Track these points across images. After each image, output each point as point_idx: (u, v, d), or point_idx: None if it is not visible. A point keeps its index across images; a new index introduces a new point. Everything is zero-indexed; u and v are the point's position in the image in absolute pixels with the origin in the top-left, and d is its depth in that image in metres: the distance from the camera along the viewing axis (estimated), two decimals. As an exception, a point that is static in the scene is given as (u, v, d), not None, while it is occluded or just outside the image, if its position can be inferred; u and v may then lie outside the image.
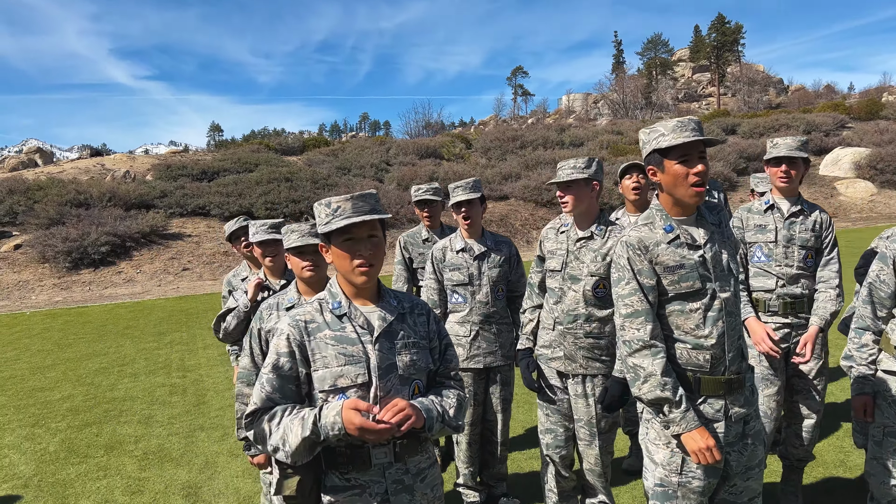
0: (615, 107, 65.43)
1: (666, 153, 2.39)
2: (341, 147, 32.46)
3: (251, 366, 3.01)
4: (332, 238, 2.08)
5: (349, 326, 2.08)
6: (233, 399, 6.75)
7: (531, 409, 5.87)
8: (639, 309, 2.43)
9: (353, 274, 2.07)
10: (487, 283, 3.93)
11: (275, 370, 2.05)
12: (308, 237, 2.95)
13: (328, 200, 2.08)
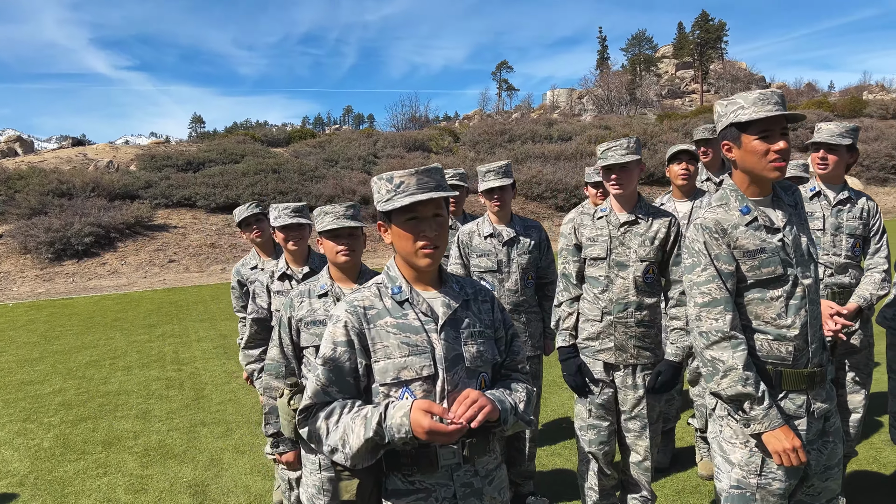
0: (600, 102, 65.48)
1: (745, 127, 2.22)
2: (328, 139, 32.09)
3: (280, 357, 2.82)
4: (392, 217, 1.88)
5: (411, 313, 1.89)
6: (233, 394, 6.52)
7: (546, 404, 5.70)
8: (717, 297, 2.25)
9: (417, 256, 1.87)
10: (517, 269, 3.75)
11: (331, 361, 1.85)
12: (343, 220, 2.75)
13: (390, 175, 1.87)
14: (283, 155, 27.44)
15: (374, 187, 1.92)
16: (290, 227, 3.46)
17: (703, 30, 78.50)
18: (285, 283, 3.52)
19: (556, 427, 5.19)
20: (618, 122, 35.09)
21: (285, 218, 3.45)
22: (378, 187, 1.90)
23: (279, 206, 3.50)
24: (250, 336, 3.53)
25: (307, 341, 2.74)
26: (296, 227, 3.48)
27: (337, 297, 2.75)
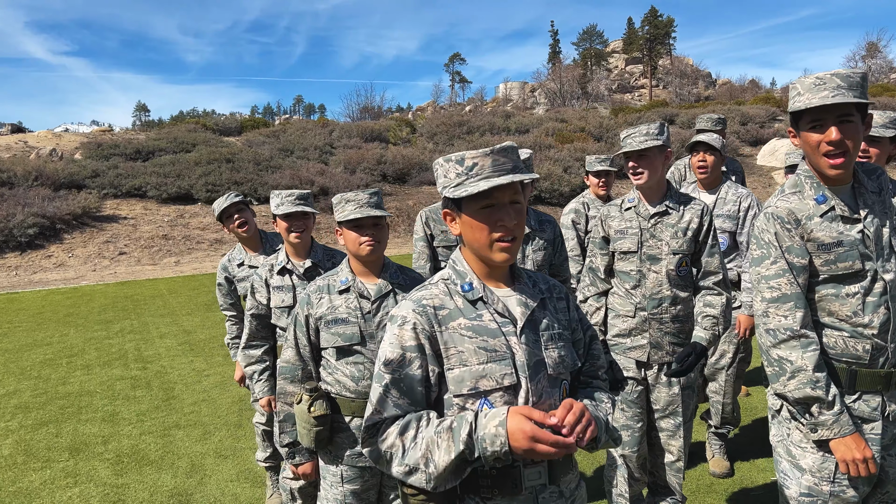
0: (552, 96, 65.96)
1: (799, 116, 2.06)
2: (282, 128, 31.42)
3: (296, 359, 2.56)
4: (463, 205, 1.64)
5: (486, 314, 1.66)
6: (205, 393, 6.17)
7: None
8: (787, 293, 2.09)
9: (492, 250, 1.64)
10: (532, 267, 3.54)
11: (400, 369, 1.61)
12: (368, 208, 2.50)
13: (460, 156, 1.63)
14: (235, 144, 26.72)
15: (438, 171, 1.68)
16: (294, 215, 3.19)
17: (651, 25, 79.80)
18: (286, 277, 3.24)
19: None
20: (574, 115, 35.29)
21: (289, 205, 3.17)
22: (445, 170, 1.66)
23: (281, 193, 3.23)
24: (250, 333, 3.25)
25: (328, 341, 2.49)
26: (300, 216, 3.21)
27: (360, 293, 2.51)
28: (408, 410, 1.60)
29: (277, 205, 3.21)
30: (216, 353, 7.59)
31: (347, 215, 2.48)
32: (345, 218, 2.48)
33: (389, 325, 1.66)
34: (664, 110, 37.29)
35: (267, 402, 3.29)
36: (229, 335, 4.02)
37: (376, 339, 2.48)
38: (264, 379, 3.28)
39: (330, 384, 2.53)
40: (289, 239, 3.22)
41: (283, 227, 3.21)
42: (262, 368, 3.28)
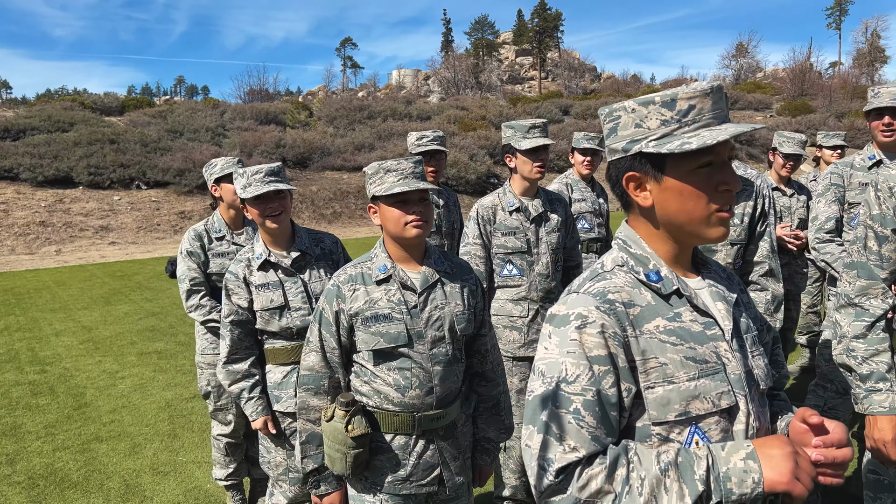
0: (446, 84, 66.08)
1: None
2: (169, 108, 29.49)
3: (322, 365, 2.08)
4: (669, 164, 1.22)
5: (686, 313, 1.25)
6: (124, 399, 5.43)
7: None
8: (856, 261, 2.11)
9: (709, 223, 1.23)
10: (547, 250, 3.19)
11: (591, 387, 1.18)
12: (413, 180, 2.05)
13: (670, 95, 1.20)
14: (118, 124, 24.82)
15: (623, 118, 1.22)
16: (267, 196, 2.64)
17: (541, 18, 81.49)
18: (270, 273, 2.70)
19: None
20: (473, 103, 35.34)
21: (259, 185, 2.62)
22: (640, 116, 1.21)
23: (247, 171, 2.65)
24: (232, 344, 2.70)
25: (367, 343, 2.03)
26: (274, 197, 2.66)
27: (403, 283, 2.06)
28: (606, 444, 1.18)
29: (244, 186, 2.64)
30: (127, 352, 6.77)
31: (389, 188, 2.01)
32: (385, 192, 2.01)
33: (558, 329, 1.22)
34: (559, 101, 38.11)
35: (263, 423, 2.72)
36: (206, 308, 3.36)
37: (425, 339, 2.04)
38: (257, 396, 2.72)
39: (366, 395, 2.07)
40: (265, 226, 2.67)
41: (256, 213, 2.65)
42: (253, 384, 2.73)
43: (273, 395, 2.74)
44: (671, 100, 1.20)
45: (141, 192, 19.27)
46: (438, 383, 2.05)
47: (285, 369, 2.74)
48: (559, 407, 1.18)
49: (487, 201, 3.23)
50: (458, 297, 2.12)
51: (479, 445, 2.27)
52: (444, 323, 2.07)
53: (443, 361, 2.06)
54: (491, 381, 2.26)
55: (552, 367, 1.21)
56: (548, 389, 1.20)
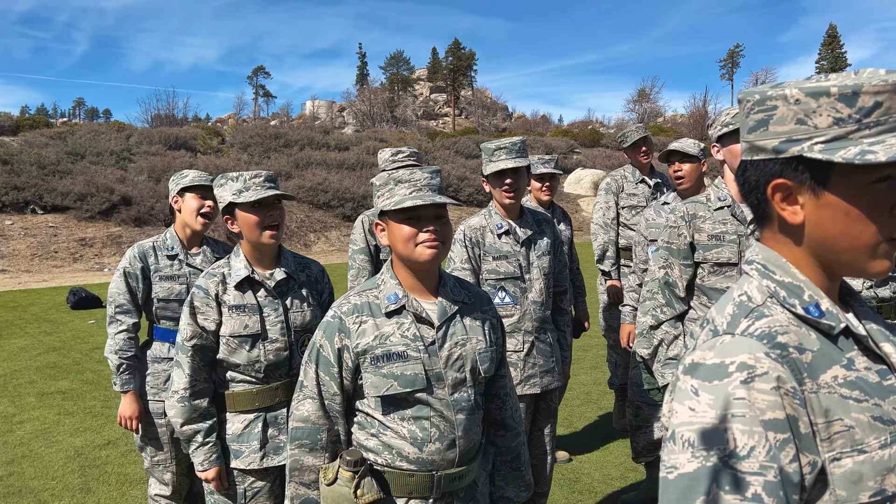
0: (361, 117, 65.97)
1: None
2: (69, 130, 27.86)
3: (320, 416, 1.73)
4: (835, 176, 0.96)
5: (857, 357, 0.99)
6: (24, 446, 4.75)
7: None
8: None
9: (874, 255, 0.97)
10: (539, 275, 2.94)
11: (771, 464, 0.88)
12: (429, 192, 1.74)
13: (851, 86, 0.93)
14: (12, 145, 23.14)
15: (778, 111, 0.94)
16: (268, 203, 2.31)
17: (455, 56, 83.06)
18: (248, 294, 2.33)
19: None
20: (392, 135, 35.26)
21: (258, 189, 2.29)
22: (804, 111, 0.92)
23: (242, 176, 2.31)
24: (193, 374, 2.28)
25: (378, 387, 1.69)
26: (275, 205, 2.34)
27: (417, 314, 1.74)
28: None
29: (239, 191, 2.28)
30: (26, 392, 6.02)
31: (400, 202, 1.70)
32: (395, 206, 1.69)
33: (709, 383, 0.92)
34: (475, 137, 38.54)
35: (216, 474, 2.28)
36: (116, 349, 2.89)
37: (445, 381, 1.73)
38: (211, 442, 2.29)
39: (374, 451, 1.73)
40: (260, 239, 2.31)
41: (252, 222, 2.29)
42: (210, 427, 2.30)
43: (232, 450, 2.33)
44: (853, 93, 0.94)
45: (36, 216, 17.90)
46: (462, 435, 1.74)
47: (247, 418, 2.35)
48: (730, 491, 0.88)
49: (475, 222, 2.96)
50: (479, 331, 1.82)
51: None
52: (465, 362, 1.77)
53: (466, 408, 1.75)
54: (511, 430, 1.97)
55: (709, 435, 0.91)
56: (705, 466, 0.90)
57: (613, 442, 4.70)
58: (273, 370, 2.34)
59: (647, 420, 3.78)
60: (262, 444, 2.32)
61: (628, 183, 4.79)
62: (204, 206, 2.96)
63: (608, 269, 4.75)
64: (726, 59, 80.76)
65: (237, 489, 2.33)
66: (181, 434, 2.30)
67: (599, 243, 4.79)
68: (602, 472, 4.21)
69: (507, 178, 2.86)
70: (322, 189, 21.25)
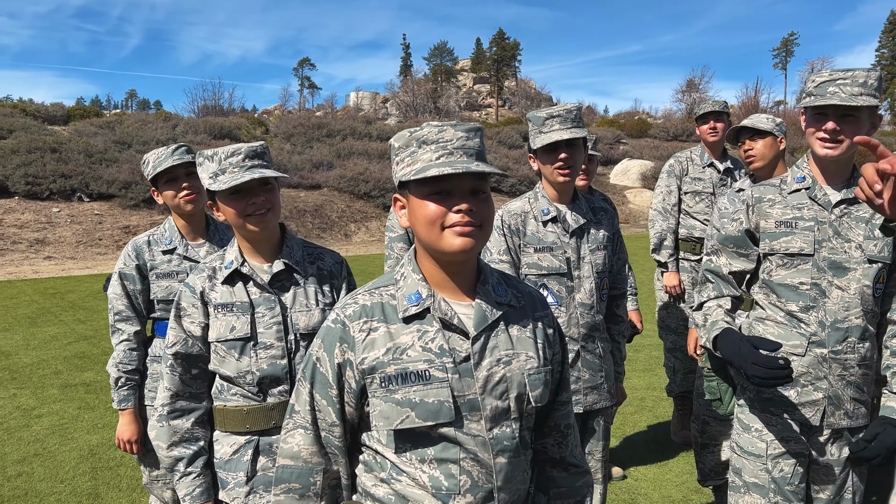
0: (404, 108, 65.91)
1: None
2: (118, 119, 28.21)
3: (313, 451, 1.34)
4: None
5: None
6: (39, 444, 4.49)
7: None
8: None
9: None
10: (591, 273, 2.48)
11: None
12: (464, 157, 1.29)
13: None
14: (62, 133, 23.49)
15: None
16: (249, 188, 1.88)
17: (499, 47, 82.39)
18: (237, 288, 1.93)
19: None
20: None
21: (237, 171, 1.86)
22: None
23: (217, 154, 1.89)
24: (174, 388, 1.90)
25: (389, 418, 1.27)
26: (259, 189, 1.89)
27: (446, 320, 1.31)
28: None
29: (214, 174, 1.87)
30: (49, 384, 5.80)
31: (423, 169, 1.26)
32: (417, 175, 1.26)
33: None
34: (519, 127, 37.94)
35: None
36: (117, 361, 2.56)
37: (482, 412, 1.29)
38: (198, 471, 1.90)
39: (382, 502, 1.31)
40: (246, 227, 1.90)
41: (230, 212, 1.89)
42: (195, 453, 1.91)
43: (219, 478, 1.94)
44: None
45: (82, 204, 18.03)
46: (503, 485, 1.30)
47: (237, 441, 1.94)
48: None
49: (516, 207, 2.51)
50: (529, 345, 1.37)
51: None
52: (510, 387, 1.32)
53: (509, 449, 1.31)
54: (574, 468, 1.52)
55: None
56: None
57: (673, 458, 4.21)
58: (269, 384, 1.91)
59: (715, 437, 3.30)
60: (249, 475, 1.90)
61: (694, 166, 4.26)
62: (180, 189, 2.56)
63: (665, 260, 4.24)
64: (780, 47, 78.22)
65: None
66: (163, 462, 1.90)
67: (657, 231, 4.27)
68: (661, 492, 3.73)
69: (562, 151, 2.40)
70: (363, 179, 20.99)
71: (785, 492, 2.06)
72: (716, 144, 4.19)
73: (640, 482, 3.86)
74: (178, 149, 2.56)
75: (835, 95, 1.93)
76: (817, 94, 1.97)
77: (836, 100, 1.91)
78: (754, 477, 2.11)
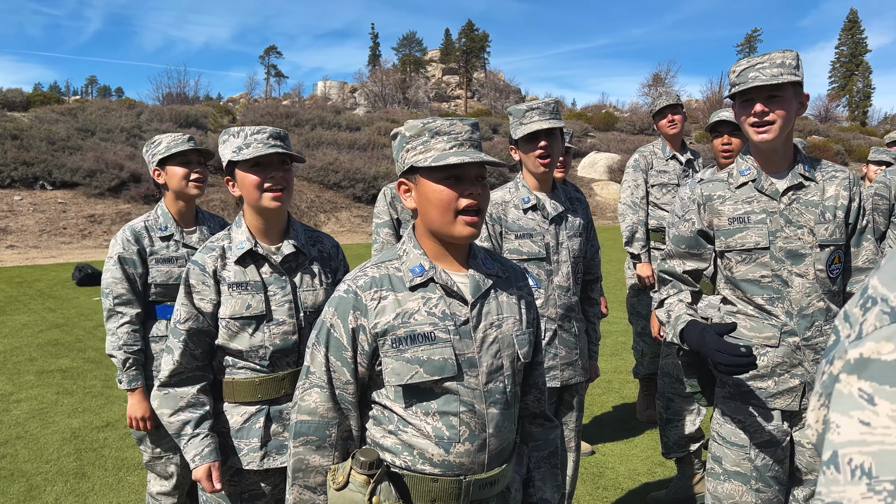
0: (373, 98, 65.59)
1: None
2: (80, 106, 27.68)
3: (329, 408, 1.48)
4: None
5: None
6: (20, 427, 4.54)
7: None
8: None
9: None
10: (568, 258, 2.66)
11: None
12: (471, 149, 1.49)
13: None
14: (22, 120, 23.02)
15: None
16: (270, 162, 2.02)
17: (468, 38, 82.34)
18: (251, 269, 2.07)
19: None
20: (403, 116, 34.88)
21: (259, 146, 1.99)
22: None
23: (244, 131, 2.03)
24: (182, 360, 2.02)
25: (400, 374, 1.44)
26: (278, 166, 2.03)
27: (447, 288, 1.48)
28: None
29: (238, 147, 2.00)
30: (25, 371, 5.82)
31: (440, 157, 1.42)
32: (435, 162, 1.42)
33: (889, 388, 0.67)
34: (489, 119, 38.16)
35: (206, 472, 1.99)
36: (118, 342, 2.62)
37: (479, 368, 1.47)
38: (204, 433, 2.02)
39: (392, 452, 1.47)
40: (261, 202, 2.02)
41: (251, 183, 2.01)
42: (200, 417, 2.03)
43: (233, 446, 2.07)
44: None
45: (46, 192, 17.74)
46: (494, 433, 1.48)
47: (248, 411, 2.08)
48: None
49: (497, 196, 2.67)
50: (515, 310, 1.57)
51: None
52: (502, 347, 1.51)
53: (500, 402, 1.49)
54: (548, 420, 1.72)
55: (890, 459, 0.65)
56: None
57: (638, 435, 4.44)
58: (280, 357, 2.06)
59: (679, 413, 3.52)
60: (263, 441, 2.05)
61: (658, 160, 4.47)
62: (191, 172, 2.67)
63: (638, 252, 4.44)
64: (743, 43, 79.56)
65: (233, 489, 2.08)
66: (169, 427, 2.03)
67: (628, 224, 4.47)
68: (627, 466, 3.95)
69: (541, 140, 2.57)
70: (333, 169, 20.97)
71: (766, 478, 2.14)
72: (675, 137, 4.40)
73: (608, 457, 4.08)
74: (192, 139, 2.70)
75: (756, 79, 2.00)
76: (740, 82, 2.04)
77: (758, 82, 1.99)
78: (736, 466, 2.16)
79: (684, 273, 2.26)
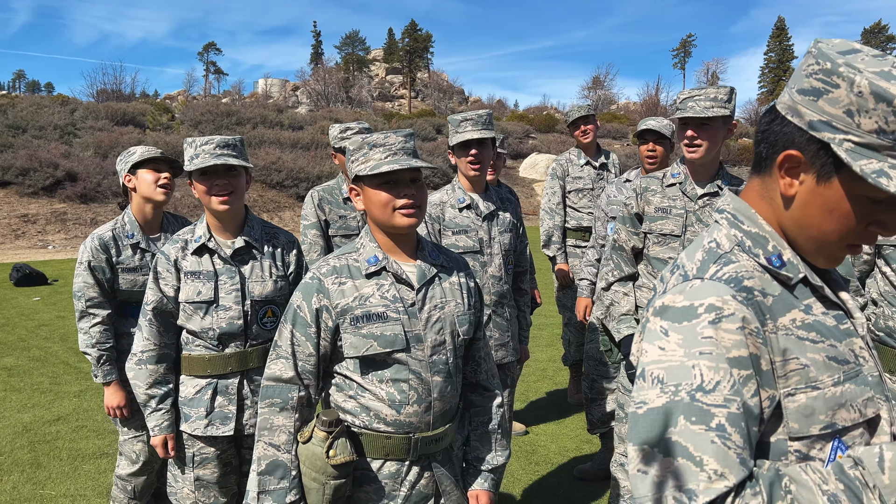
0: (315, 97, 65.15)
1: None
2: (10, 102, 26.80)
3: (292, 376, 1.76)
4: (842, 174, 1.00)
5: (815, 305, 1.06)
6: None
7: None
8: None
9: (835, 249, 1.06)
10: (500, 251, 2.99)
11: (734, 398, 0.96)
12: (405, 157, 1.79)
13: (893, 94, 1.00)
14: (-53, 116, 22.19)
15: (862, 102, 1.03)
16: (215, 171, 2.29)
17: (412, 38, 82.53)
18: (204, 259, 2.35)
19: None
20: (347, 116, 34.95)
21: (206, 157, 2.28)
22: (874, 110, 0.99)
23: (196, 142, 2.33)
24: (151, 338, 2.32)
25: (357, 347, 1.72)
26: (223, 174, 2.31)
27: (397, 275, 1.77)
28: (751, 468, 0.96)
29: (191, 157, 2.31)
30: (-32, 369, 5.83)
31: (376, 167, 1.72)
32: (371, 171, 1.71)
33: (678, 324, 0.99)
34: (432, 119, 38.48)
35: (162, 441, 2.34)
36: (91, 340, 2.79)
37: (424, 343, 1.76)
38: (166, 408, 2.35)
39: (351, 413, 1.76)
40: (211, 206, 2.32)
41: (201, 189, 2.32)
42: (165, 393, 2.36)
43: (182, 413, 2.38)
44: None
45: None
46: (438, 397, 1.78)
47: (199, 383, 2.38)
48: (696, 422, 0.95)
49: (436, 198, 2.98)
50: (457, 294, 1.87)
51: (471, 467, 1.98)
52: (444, 325, 1.80)
53: (443, 371, 1.79)
54: (487, 390, 2.00)
55: (677, 371, 0.98)
56: (673, 400, 0.97)
57: (568, 416, 4.81)
58: (227, 339, 2.37)
59: (602, 392, 3.89)
60: (208, 411, 2.36)
61: (574, 166, 4.83)
62: (160, 177, 2.89)
63: (553, 254, 4.85)
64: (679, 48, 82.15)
65: (185, 453, 2.37)
66: (138, 396, 2.35)
67: (545, 228, 4.88)
68: (558, 444, 4.31)
69: (473, 148, 2.89)
70: (276, 168, 20.95)
71: None
72: (589, 145, 4.79)
73: (540, 436, 4.43)
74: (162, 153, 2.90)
75: (691, 109, 2.54)
76: (682, 108, 2.59)
77: (691, 112, 2.52)
78: None
79: (632, 248, 2.79)
